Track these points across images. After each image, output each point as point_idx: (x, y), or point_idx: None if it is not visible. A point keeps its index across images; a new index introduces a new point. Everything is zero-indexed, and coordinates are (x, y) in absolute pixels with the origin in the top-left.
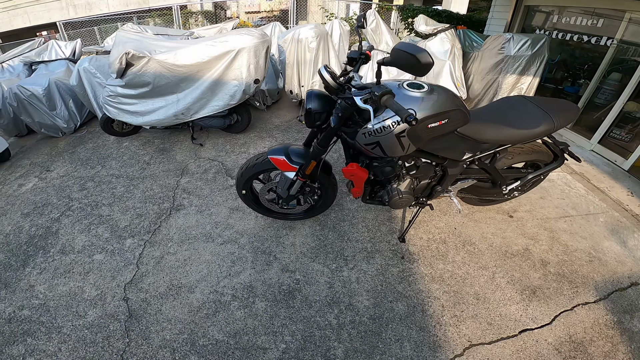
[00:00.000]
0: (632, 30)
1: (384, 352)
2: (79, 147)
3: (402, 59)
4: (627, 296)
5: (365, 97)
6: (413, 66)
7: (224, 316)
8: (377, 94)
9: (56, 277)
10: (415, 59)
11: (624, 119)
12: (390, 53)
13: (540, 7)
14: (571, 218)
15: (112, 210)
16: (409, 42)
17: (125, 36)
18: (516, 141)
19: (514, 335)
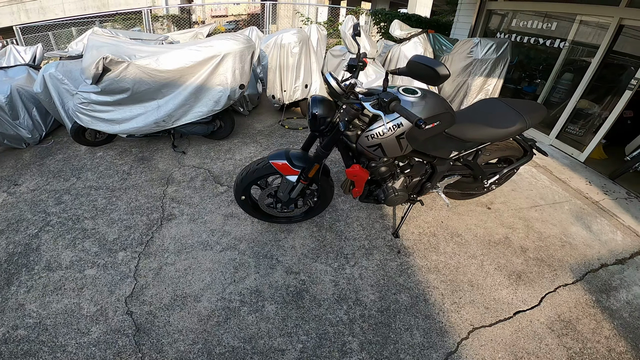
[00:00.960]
0: (582, 32)
1: (396, 341)
2: (48, 159)
3: (419, 70)
4: (600, 277)
5: (374, 103)
6: (430, 77)
7: (235, 322)
8: (386, 100)
9: (47, 294)
10: (434, 71)
11: (577, 116)
12: (407, 65)
13: (501, 11)
14: (541, 207)
15: (96, 223)
16: (425, 55)
17: (99, 40)
18: (495, 139)
19: (510, 317)
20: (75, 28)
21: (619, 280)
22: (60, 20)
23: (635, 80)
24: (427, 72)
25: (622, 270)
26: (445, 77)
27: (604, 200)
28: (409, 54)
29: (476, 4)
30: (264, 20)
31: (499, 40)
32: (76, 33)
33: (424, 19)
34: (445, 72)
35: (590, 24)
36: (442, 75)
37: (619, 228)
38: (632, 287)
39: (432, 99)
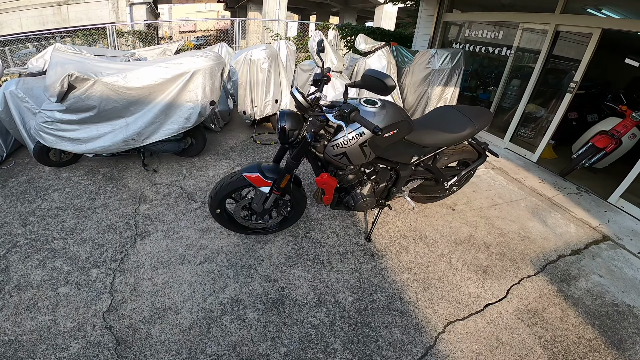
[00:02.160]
0: (525, 39)
1: (377, 339)
2: (10, 181)
3: (371, 82)
4: (559, 267)
5: (336, 114)
6: (381, 89)
7: (218, 331)
8: (347, 111)
9: (19, 312)
10: (383, 83)
11: (527, 119)
12: (361, 78)
13: (456, 23)
14: (499, 206)
15: (66, 243)
16: (376, 69)
17: (63, 57)
18: (450, 143)
19: (481, 310)
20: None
21: (577, 270)
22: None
23: (574, 83)
24: (378, 84)
25: (578, 260)
26: (392, 87)
27: (556, 196)
28: (374, 67)
29: (433, 16)
30: (234, 36)
31: (453, 51)
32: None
33: (388, 32)
34: (392, 83)
35: (532, 31)
36: (389, 86)
37: (572, 221)
38: (590, 275)
39: (391, 109)
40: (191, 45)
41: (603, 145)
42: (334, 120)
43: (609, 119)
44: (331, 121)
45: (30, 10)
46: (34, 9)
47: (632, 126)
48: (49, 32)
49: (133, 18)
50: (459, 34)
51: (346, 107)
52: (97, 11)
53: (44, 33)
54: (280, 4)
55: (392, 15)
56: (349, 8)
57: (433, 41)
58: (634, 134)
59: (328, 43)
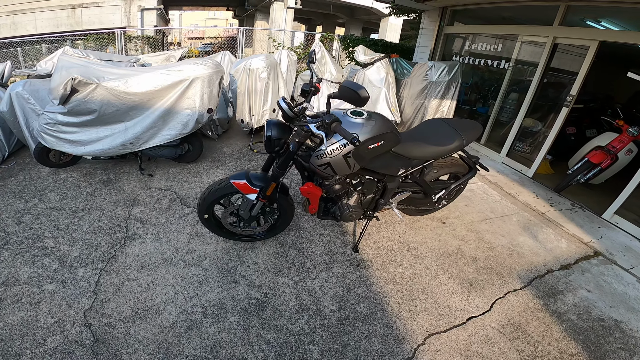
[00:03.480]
0: (523, 52)
1: (355, 348)
2: (9, 180)
3: (347, 93)
4: (546, 282)
5: (318, 124)
6: (355, 99)
7: (197, 333)
8: (328, 122)
9: (3, 307)
10: (357, 94)
11: (524, 134)
12: (338, 89)
13: (456, 35)
14: (491, 220)
15: (57, 242)
16: (352, 81)
17: (69, 61)
18: (437, 156)
19: (463, 322)
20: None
21: (564, 285)
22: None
23: (571, 97)
24: (352, 95)
25: (567, 275)
26: (365, 99)
27: (549, 212)
28: (372, 78)
29: (434, 29)
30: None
31: (450, 63)
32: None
33: (390, 44)
34: (365, 94)
35: (530, 44)
36: (362, 97)
37: (564, 236)
38: (578, 290)
39: (377, 121)
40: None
41: (598, 161)
42: (315, 130)
43: (606, 134)
44: (313, 131)
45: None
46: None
47: (629, 141)
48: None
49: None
50: (459, 46)
51: (327, 118)
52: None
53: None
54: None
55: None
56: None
57: (434, 54)
58: (630, 150)
59: (328, 54)
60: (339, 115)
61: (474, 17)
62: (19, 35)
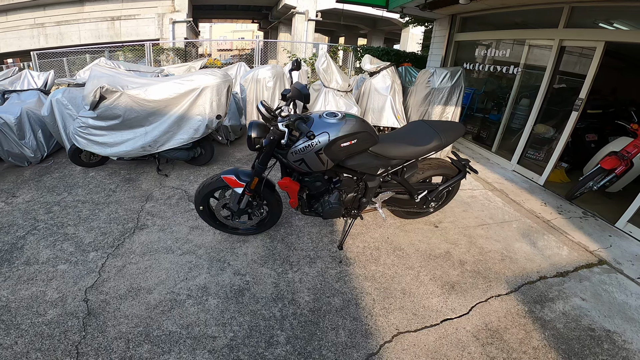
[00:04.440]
0: (531, 56)
1: (321, 338)
2: (45, 176)
3: (295, 93)
4: (537, 288)
5: (286, 123)
6: (300, 97)
7: (178, 312)
8: (292, 120)
9: (19, 283)
10: (299, 92)
11: (535, 140)
12: (291, 89)
13: (466, 42)
14: (488, 226)
15: (77, 229)
16: (301, 83)
17: (100, 71)
18: (416, 156)
19: (437, 324)
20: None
21: (556, 292)
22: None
23: (580, 101)
24: (298, 94)
25: (562, 282)
26: (306, 96)
27: (556, 219)
28: (378, 86)
29: (445, 37)
30: (265, 55)
31: (452, 69)
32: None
33: (403, 53)
34: (306, 92)
35: (538, 47)
36: (304, 94)
37: (567, 244)
38: (570, 298)
39: (350, 121)
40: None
41: (610, 167)
42: (282, 127)
43: (621, 138)
44: (279, 127)
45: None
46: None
47: None
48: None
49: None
50: (470, 53)
51: (292, 117)
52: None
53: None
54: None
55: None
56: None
57: (445, 61)
58: None
59: (334, 64)
60: (315, 116)
61: (483, 23)
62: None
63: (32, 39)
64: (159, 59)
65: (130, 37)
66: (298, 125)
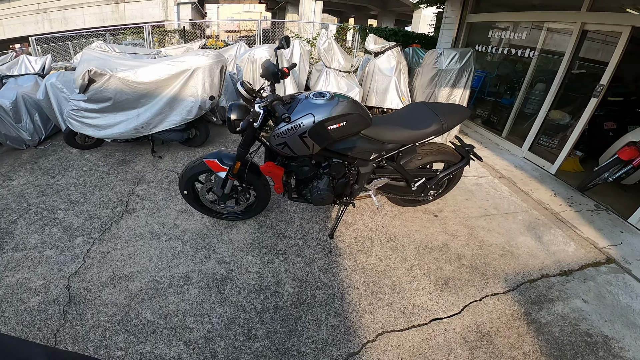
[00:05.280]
0: (550, 40)
1: (301, 334)
2: (42, 159)
3: (265, 71)
4: (536, 287)
5: (262, 104)
6: (269, 75)
7: (158, 301)
8: (269, 101)
9: (7, 270)
10: (267, 70)
11: (549, 127)
12: (261, 68)
13: (479, 23)
14: (491, 217)
15: (67, 213)
16: (271, 61)
17: (90, 54)
18: (412, 140)
19: (425, 323)
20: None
21: (557, 292)
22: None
23: (600, 87)
24: (267, 73)
25: (564, 282)
26: (275, 73)
27: (565, 212)
28: (383, 67)
29: (457, 18)
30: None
31: (462, 50)
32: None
33: (411, 34)
34: (273, 70)
35: (557, 31)
36: (272, 72)
37: (575, 239)
38: (572, 299)
39: (340, 102)
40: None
41: (628, 158)
42: (257, 108)
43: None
44: (255, 109)
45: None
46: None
47: None
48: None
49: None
50: (483, 35)
51: (270, 97)
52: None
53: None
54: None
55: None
56: (387, 11)
57: (456, 43)
58: None
59: (337, 44)
60: (301, 97)
61: (498, 4)
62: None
63: (37, 24)
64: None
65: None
66: (275, 106)
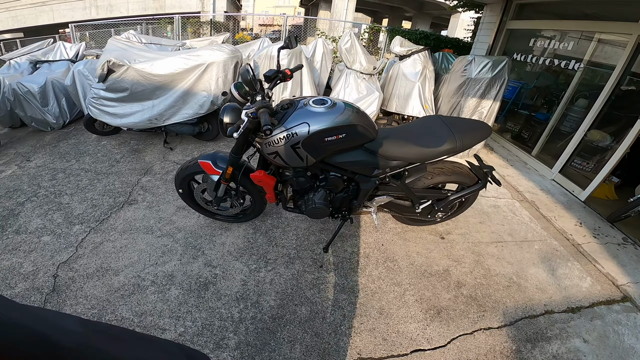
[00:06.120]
0: (599, 52)
1: (273, 349)
2: (62, 142)
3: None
4: (536, 324)
5: (249, 110)
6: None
7: (137, 298)
8: (257, 107)
9: (4, 253)
10: (242, 78)
11: (587, 148)
12: None
13: (520, 31)
14: (504, 244)
15: (72, 199)
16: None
17: (114, 44)
18: (421, 159)
19: (405, 354)
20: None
21: (557, 330)
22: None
23: None
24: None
25: (569, 319)
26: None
27: (588, 244)
28: (407, 71)
29: (495, 24)
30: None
31: (495, 58)
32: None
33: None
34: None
35: (608, 43)
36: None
37: (592, 274)
38: (571, 338)
39: (341, 111)
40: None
41: None
42: (242, 115)
43: None
44: (242, 115)
45: None
46: None
47: None
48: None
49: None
50: (523, 43)
51: (259, 103)
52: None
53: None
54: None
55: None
56: (423, 14)
57: (492, 50)
58: None
59: (360, 44)
60: (300, 103)
61: (544, 11)
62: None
63: (84, 10)
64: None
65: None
66: (261, 114)
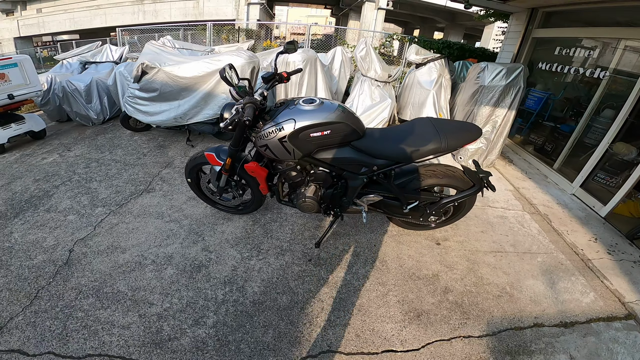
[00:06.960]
0: (626, 60)
1: (247, 332)
2: (100, 136)
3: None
4: (521, 336)
5: (239, 106)
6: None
7: (135, 275)
8: (243, 103)
9: (33, 228)
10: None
11: (612, 162)
12: None
13: (548, 39)
14: (503, 254)
15: (99, 185)
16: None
17: (150, 49)
18: (407, 158)
19: (376, 352)
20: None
21: (543, 344)
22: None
23: None
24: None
25: (559, 333)
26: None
27: (600, 260)
28: (422, 79)
29: (521, 32)
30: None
31: (510, 66)
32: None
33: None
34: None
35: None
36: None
37: (597, 290)
38: (556, 354)
39: (327, 109)
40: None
41: None
42: (233, 109)
43: None
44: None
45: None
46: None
47: None
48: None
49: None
50: (550, 52)
51: (247, 99)
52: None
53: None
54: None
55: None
56: (455, 25)
57: (517, 59)
58: None
59: (375, 52)
60: (290, 102)
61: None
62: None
63: (133, 15)
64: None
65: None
66: (246, 108)
